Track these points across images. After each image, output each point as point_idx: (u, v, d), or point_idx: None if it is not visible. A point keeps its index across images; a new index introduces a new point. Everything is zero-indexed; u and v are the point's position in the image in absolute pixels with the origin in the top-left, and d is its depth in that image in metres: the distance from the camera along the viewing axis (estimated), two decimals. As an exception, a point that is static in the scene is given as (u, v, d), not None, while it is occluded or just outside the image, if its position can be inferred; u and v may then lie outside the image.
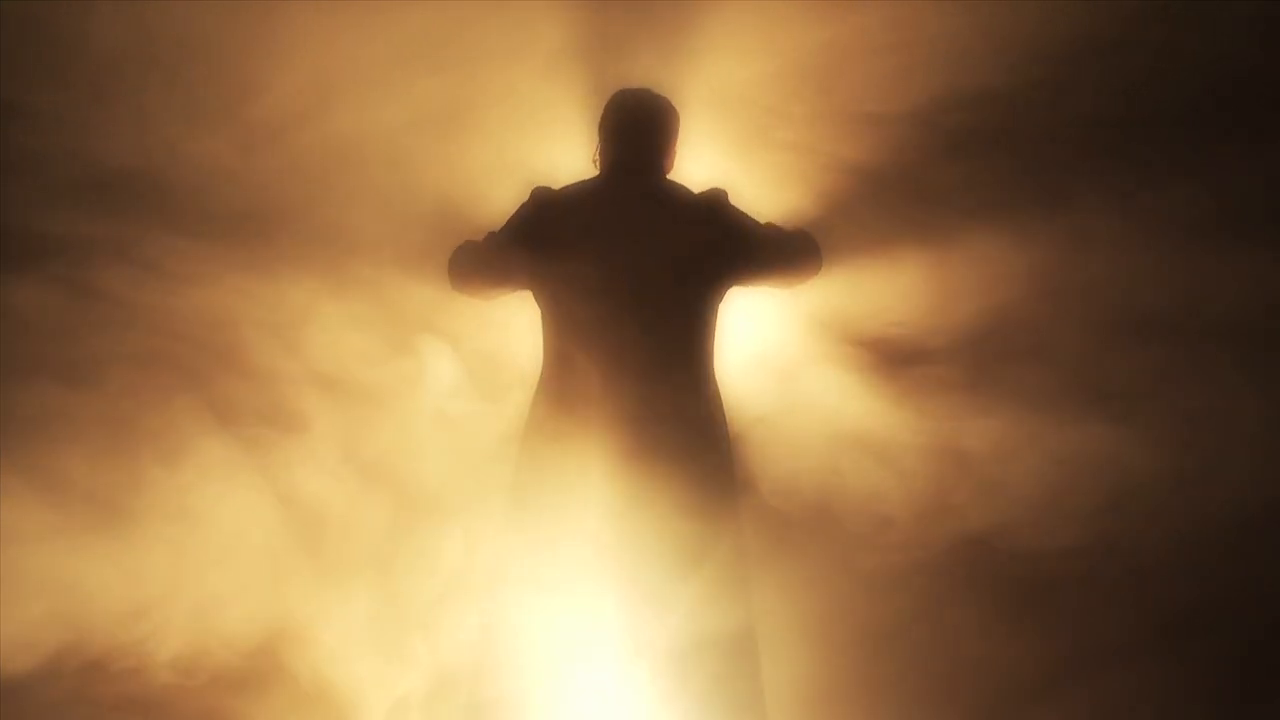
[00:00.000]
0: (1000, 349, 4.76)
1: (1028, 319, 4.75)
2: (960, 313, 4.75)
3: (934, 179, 4.70)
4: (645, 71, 4.51)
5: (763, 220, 4.34)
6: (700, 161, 4.47)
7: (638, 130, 4.27)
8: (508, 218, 4.27)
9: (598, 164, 4.31)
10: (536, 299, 4.26)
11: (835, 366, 4.73)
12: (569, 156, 4.55)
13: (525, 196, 4.28)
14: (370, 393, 4.67)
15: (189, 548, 4.60)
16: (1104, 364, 4.73)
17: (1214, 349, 4.69)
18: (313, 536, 4.64)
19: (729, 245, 4.23)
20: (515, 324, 4.55)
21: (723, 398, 4.27)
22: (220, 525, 4.61)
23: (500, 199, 4.51)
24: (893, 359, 4.76)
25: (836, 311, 4.71)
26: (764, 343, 4.64)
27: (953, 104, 4.68)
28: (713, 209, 4.26)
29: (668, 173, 4.31)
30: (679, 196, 4.27)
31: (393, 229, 4.70)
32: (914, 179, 4.69)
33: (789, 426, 4.66)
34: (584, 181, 4.30)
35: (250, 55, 4.67)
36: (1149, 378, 4.70)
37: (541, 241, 4.21)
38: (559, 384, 4.20)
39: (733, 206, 4.29)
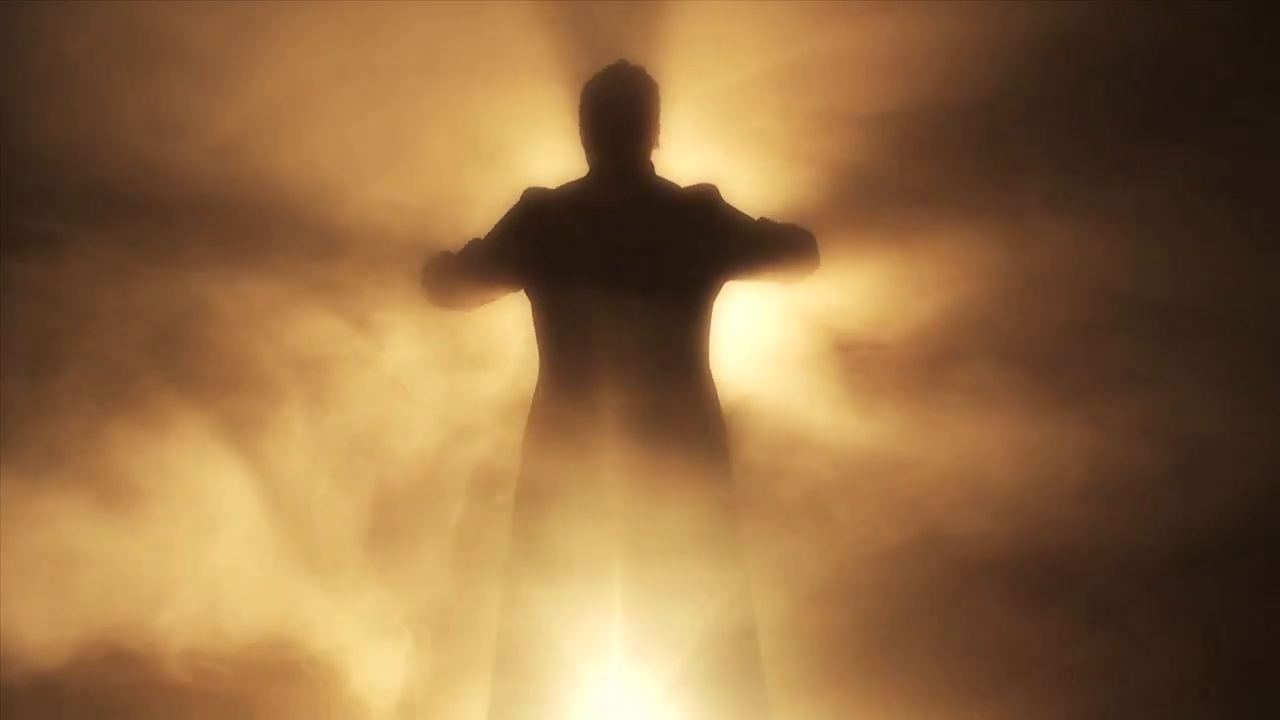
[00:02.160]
0: (965, 346, 4.79)
1: (991, 316, 4.79)
2: (924, 310, 4.78)
3: (901, 178, 4.75)
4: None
5: (756, 216, 4.31)
6: (673, 148, 4.43)
7: (619, 126, 4.22)
8: (497, 221, 4.26)
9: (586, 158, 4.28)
10: (530, 297, 4.26)
11: (800, 362, 4.78)
12: (551, 158, 4.56)
13: (514, 199, 4.27)
14: (358, 378, 4.74)
15: (191, 540, 4.66)
16: (1072, 361, 4.78)
17: (1180, 343, 4.74)
18: (315, 528, 4.70)
19: (720, 243, 4.22)
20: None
21: (718, 392, 4.27)
22: (222, 517, 4.67)
23: (483, 199, 4.58)
24: (857, 355, 4.81)
25: (803, 307, 4.74)
26: (725, 338, 4.59)
27: (924, 108, 4.74)
28: (703, 206, 4.24)
29: (654, 148, 4.25)
30: (670, 195, 4.24)
31: (370, 229, 4.76)
32: (881, 178, 4.74)
33: (749, 421, 4.68)
34: (574, 182, 4.28)
35: (222, 57, 4.72)
36: (1117, 374, 4.75)
37: (536, 242, 4.20)
38: (558, 383, 4.21)
39: (723, 202, 4.27)
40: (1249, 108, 4.77)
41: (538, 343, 4.26)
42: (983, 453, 4.72)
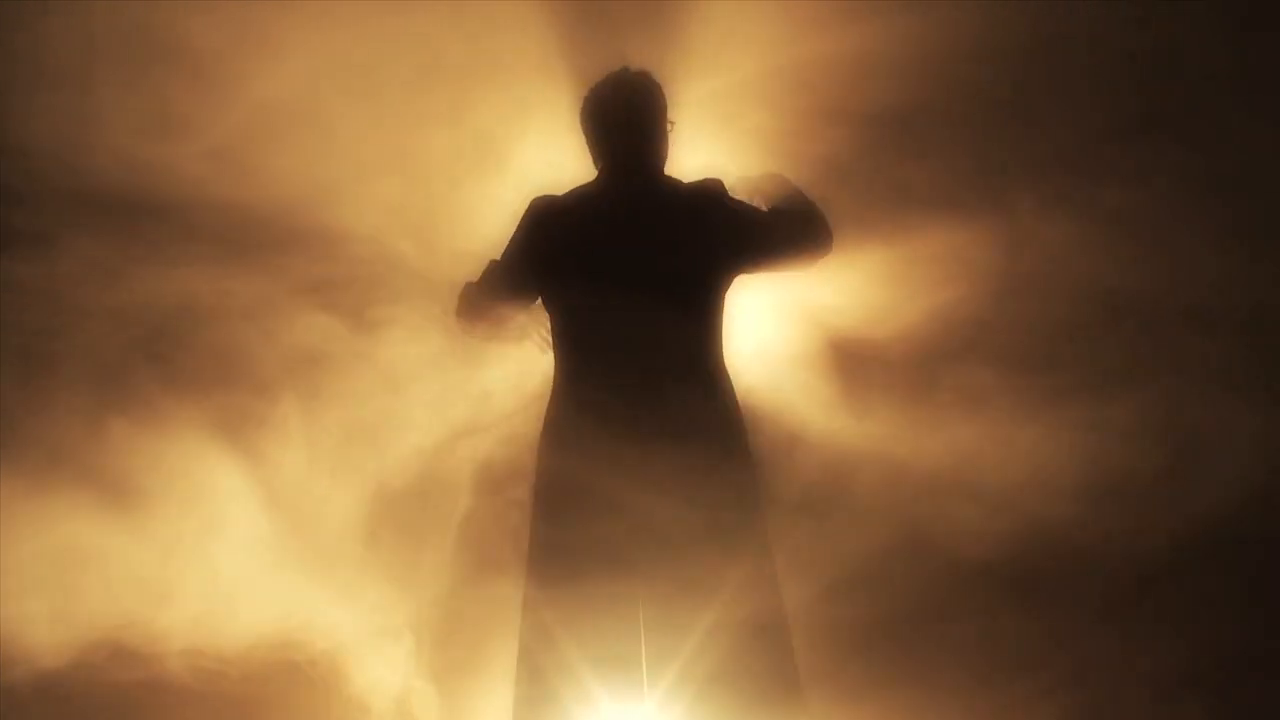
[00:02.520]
0: (959, 345, 4.82)
1: (985, 316, 4.82)
2: (918, 309, 4.81)
3: (893, 178, 4.79)
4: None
5: (765, 206, 4.31)
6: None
7: (625, 127, 4.23)
8: (509, 238, 4.26)
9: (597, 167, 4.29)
10: (546, 304, 4.26)
11: (793, 361, 4.81)
12: (550, 157, 4.60)
13: (515, 201, 4.28)
14: (358, 377, 4.75)
15: (190, 540, 4.67)
16: (1065, 360, 4.82)
17: (1172, 342, 4.79)
18: (316, 527, 4.72)
19: (730, 235, 4.22)
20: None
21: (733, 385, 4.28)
22: (222, 517, 4.68)
23: (482, 200, 4.65)
24: (851, 354, 4.83)
25: (796, 306, 4.78)
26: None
27: (916, 109, 4.78)
28: (711, 202, 4.25)
29: (664, 156, 4.26)
30: (678, 193, 4.25)
31: (368, 229, 4.79)
32: (874, 177, 4.78)
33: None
34: (582, 187, 4.28)
35: (219, 58, 4.72)
36: (1111, 373, 4.79)
37: (549, 251, 4.21)
38: (577, 385, 4.21)
39: (729, 195, 4.27)
40: (1238, 108, 4.81)
41: (554, 346, 4.26)
42: (977, 452, 4.75)
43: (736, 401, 4.26)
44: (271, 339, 4.76)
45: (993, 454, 4.74)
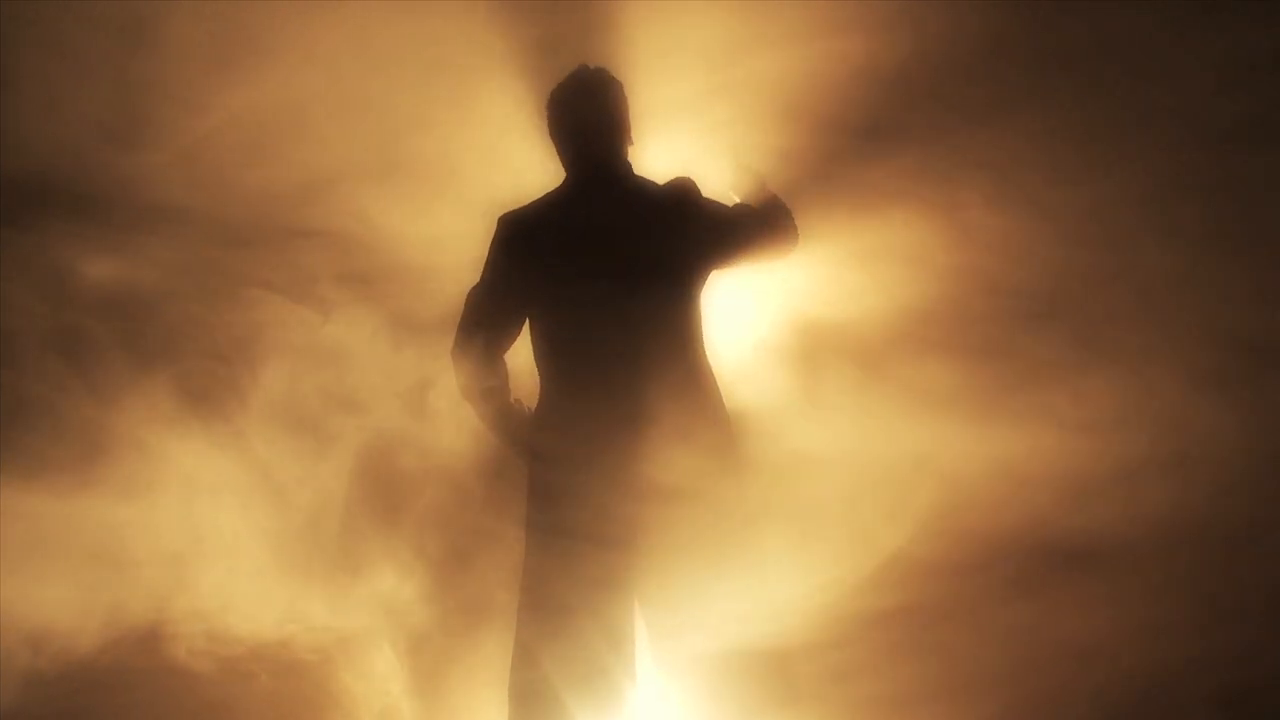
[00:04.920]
0: (926, 340, 4.88)
1: (954, 311, 4.89)
2: (884, 303, 4.88)
3: (864, 178, 4.86)
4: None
5: (732, 202, 4.38)
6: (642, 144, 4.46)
7: (588, 127, 4.24)
8: (484, 260, 4.25)
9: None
10: (530, 312, 4.26)
11: (755, 351, 4.87)
12: (519, 160, 4.68)
13: (490, 228, 4.28)
14: (355, 374, 4.82)
15: (187, 537, 4.72)
16: (1027, 354, 4.88)
17: (1133, 340, 4.87)
18: (312, 523, 4.77)
19: (703, 236, 4.25)
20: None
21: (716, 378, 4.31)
22: (218, 514, 4.73)
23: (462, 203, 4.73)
24: (816, 344, 4.90)
25: (762, 298, 4.84)
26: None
27: (886, 111, 4.87)
28: (682, 202, 4.27)
29: (629, 147, 4.28)
30: (648, 193, 4.26)
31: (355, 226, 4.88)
32: (842, 177, 4.85)
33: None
34: (550, 194, 4.28)
35: (204, 62, 4.79)
36: (1073, 372, 4.86)
37: (529, 266, 4.20)
38: (563, 387, 4.23)
39: (701, 195, 4.30)
40: (1187, 109, 4.87)
41: (536, 351, 4.27)
42: (934, 444, 4.80)
43: (719, 389, 4.29)
44: (252, 333, 4.82)
45: (950, 446, 4.78)
